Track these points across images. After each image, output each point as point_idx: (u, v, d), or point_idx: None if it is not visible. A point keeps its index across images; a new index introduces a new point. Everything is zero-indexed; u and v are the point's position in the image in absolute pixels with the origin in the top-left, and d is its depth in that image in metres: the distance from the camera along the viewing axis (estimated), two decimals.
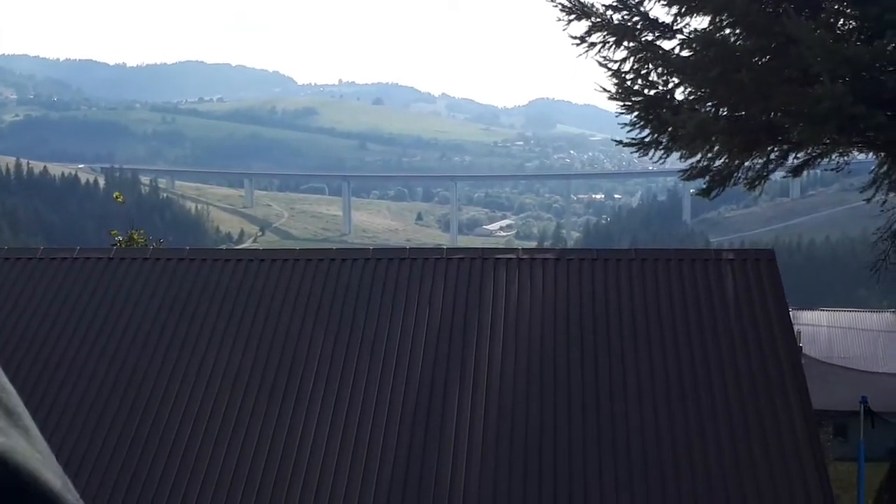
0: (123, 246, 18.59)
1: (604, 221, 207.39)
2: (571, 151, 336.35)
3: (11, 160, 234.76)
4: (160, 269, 11.42)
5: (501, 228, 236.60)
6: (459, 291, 11.25)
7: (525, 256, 12.03)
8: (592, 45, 14.69)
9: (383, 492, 9.17)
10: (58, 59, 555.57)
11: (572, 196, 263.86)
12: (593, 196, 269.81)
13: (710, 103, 13.85)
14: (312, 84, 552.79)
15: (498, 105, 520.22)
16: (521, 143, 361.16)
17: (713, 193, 15.01)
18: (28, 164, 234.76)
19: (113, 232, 21.62)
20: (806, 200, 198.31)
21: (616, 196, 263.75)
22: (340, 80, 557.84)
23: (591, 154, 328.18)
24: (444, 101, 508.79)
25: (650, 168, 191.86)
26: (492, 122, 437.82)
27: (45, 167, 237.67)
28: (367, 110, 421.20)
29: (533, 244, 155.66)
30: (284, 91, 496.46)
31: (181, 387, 10.12)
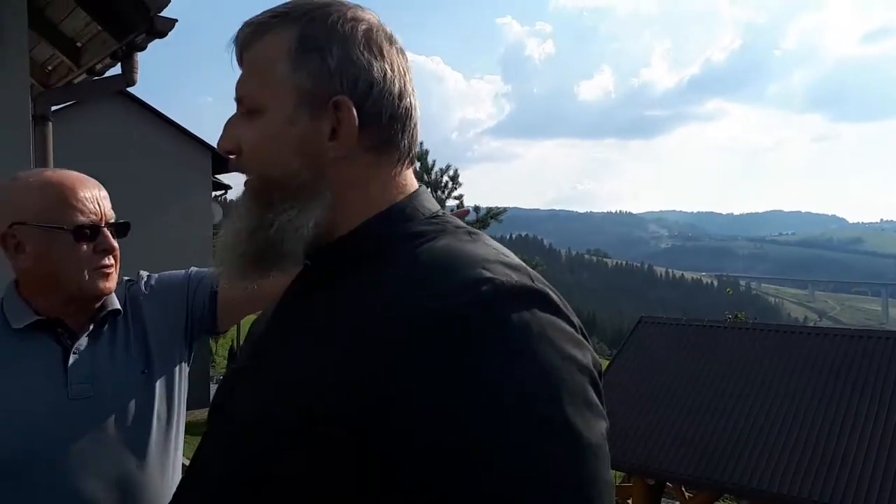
0: (733, 320, 18.25)
1: None
2: None
3: (663, 269, 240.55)
4: (755, 336, 10.95)
5: None
6: None
7: None
8: None
9: None
10: (692, 212, 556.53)
11: None
12: None
13: None
14: (860, 222, 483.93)
15: None
16: None
17: None
18: (673, 272, 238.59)
19: (726, 312, 21.21)
20: None
21: None
22: (882, 219, 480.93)
23: None
24: None
25: None
26: None
27: (682, 274, 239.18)
28: None
29: None
30: (839, 227, 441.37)
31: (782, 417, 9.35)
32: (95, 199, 1.35)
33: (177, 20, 3.05)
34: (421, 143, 15.54)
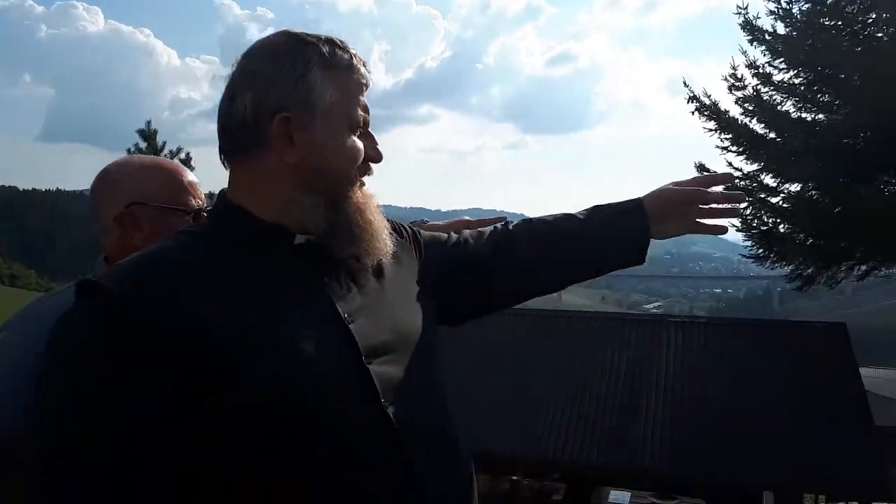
0: None
1: (721, 306, 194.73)
2: (700, 262, 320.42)
3: None
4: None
5: (654, 307, 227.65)
6: (638, 337, 11.29)
7: (673, 321, 11.78)
8: None
9: (602, 447, 9.69)
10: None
11: (700, 290, 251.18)
12: (714, 290, 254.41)
13: (803, 234, 12.96)
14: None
15: None
16: (668, 257, 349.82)
17: (803, 289, 13.99)
18: None
19: None
20: (856, 296, 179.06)
21: (729, 291, 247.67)
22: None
23: (713, 265, 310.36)
24: None
25: (751, 274, 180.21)
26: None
27: None
28: None
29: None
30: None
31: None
32: (198, 185, 1.45)
33: None
34: (148, 122, 14.88)
